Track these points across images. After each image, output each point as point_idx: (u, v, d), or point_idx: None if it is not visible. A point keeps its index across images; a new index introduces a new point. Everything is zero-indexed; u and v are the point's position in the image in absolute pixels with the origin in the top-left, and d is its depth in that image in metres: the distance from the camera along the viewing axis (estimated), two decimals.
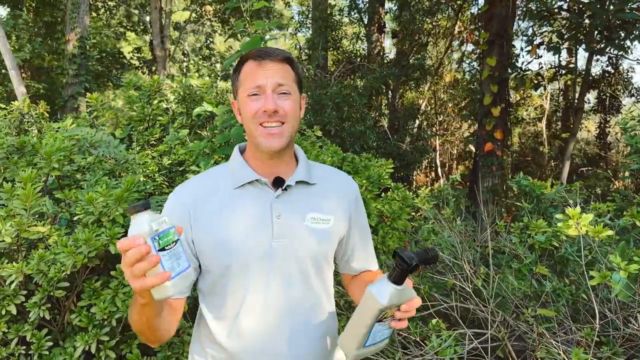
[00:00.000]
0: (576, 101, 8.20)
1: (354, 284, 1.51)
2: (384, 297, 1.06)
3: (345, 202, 1.42)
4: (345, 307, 2.73)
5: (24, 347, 2.13)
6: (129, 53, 18.92)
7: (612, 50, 6.99)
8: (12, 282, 2.01)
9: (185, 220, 1.27)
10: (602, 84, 11.41)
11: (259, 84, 1.25)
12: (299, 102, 1.33)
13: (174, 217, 1.26)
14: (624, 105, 12.48)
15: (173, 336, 2.39)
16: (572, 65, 10.11)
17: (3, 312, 2.08)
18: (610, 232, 1.65)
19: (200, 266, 1.33)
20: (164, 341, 1.24)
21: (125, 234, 2.28)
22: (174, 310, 1.25)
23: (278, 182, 1.32)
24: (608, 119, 12.42)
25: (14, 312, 2.09)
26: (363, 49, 12.30)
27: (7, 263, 2.05)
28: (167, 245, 0.96)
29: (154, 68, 17.04)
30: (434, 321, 2.02)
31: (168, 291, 0.97)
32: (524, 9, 8.09)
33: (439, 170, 15.45)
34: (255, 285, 1.27)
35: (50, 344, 2.14)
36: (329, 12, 11.29)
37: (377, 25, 11.03)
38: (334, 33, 11.31)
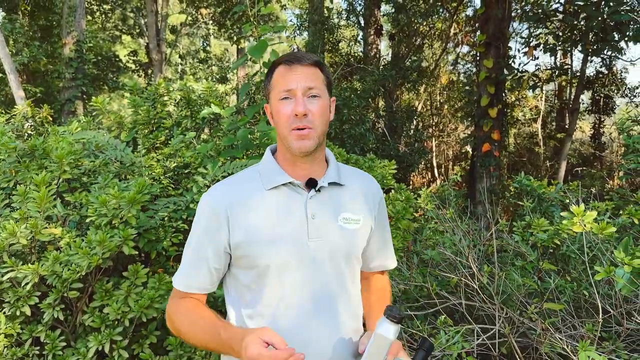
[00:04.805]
0: (571, 102, 8.29)
1: (364, 292, 1.54)
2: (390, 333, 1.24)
3: (371, 202, 1.46)
4: None
5: (38, 348, 2.17)
6: (125, 56, 18.92)
7: (607, 51, 7.08)
8: (27, 283, 2.04)
9: (223, 222, 1.31)
10: (596, 85, 11.51)
11: (290, 88, 1.29)
12: (329, 104, 1.36)
13: (213, 220, 1.32)
14: (618, 106, 12.58)
15: None
16: (567, 67, 10.20)
17: (17, 313, 2.11)
18: (613, 229, 1.70)
19: (229, 267, 1.37)
20: None
21: (138, 236, 2.31)
22: (204, 303, 1.40)
23: (311, 183, 1.35)
24: (602, 119, 12.52)
25: (28, 313, 2.12)
26: (360, 52, 12.35)
27: (22, 264, 2.08)
28: None
29: (150, 71, 17.06)
30: (442, 318, 2.07)
31: None
32: (520, 11, 8.17)
33: (435, 171, 15.50)
34: (292, 285, 1.31)
35: (64, 344, 2.17)
36: (326, 14, 11.33)
37: (374, 27, 11.09)
38: (331, 36, 11.36)
